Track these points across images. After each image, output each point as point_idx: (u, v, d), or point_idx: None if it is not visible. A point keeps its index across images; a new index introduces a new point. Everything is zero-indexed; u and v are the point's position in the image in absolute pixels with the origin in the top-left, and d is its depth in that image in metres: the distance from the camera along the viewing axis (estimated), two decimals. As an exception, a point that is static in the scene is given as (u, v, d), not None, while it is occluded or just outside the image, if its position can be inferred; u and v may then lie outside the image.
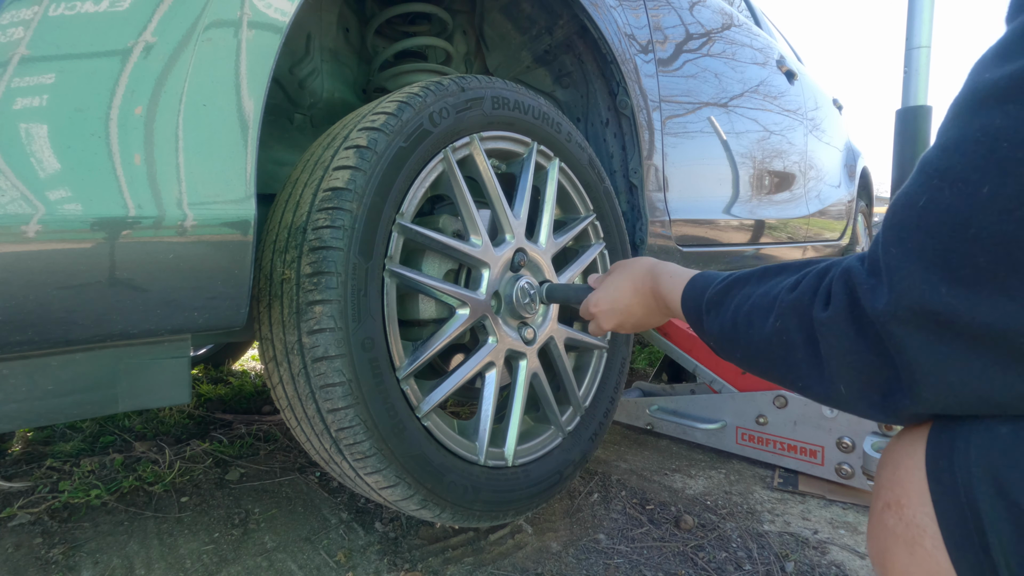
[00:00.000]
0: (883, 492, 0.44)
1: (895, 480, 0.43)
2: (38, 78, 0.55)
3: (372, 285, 0.82)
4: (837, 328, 0.40)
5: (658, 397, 1.67)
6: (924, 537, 0.38)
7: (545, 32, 1.37)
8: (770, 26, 2.81)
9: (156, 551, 1.02)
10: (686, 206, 1.65)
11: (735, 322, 0.52)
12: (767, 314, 0.48)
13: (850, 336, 0.39)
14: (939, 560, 0.37)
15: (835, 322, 0.40)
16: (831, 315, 0.41)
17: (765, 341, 0.48)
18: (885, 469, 0.45)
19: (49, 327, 0.57)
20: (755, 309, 0.49)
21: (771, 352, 0.47)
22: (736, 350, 0.53)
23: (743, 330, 0.51)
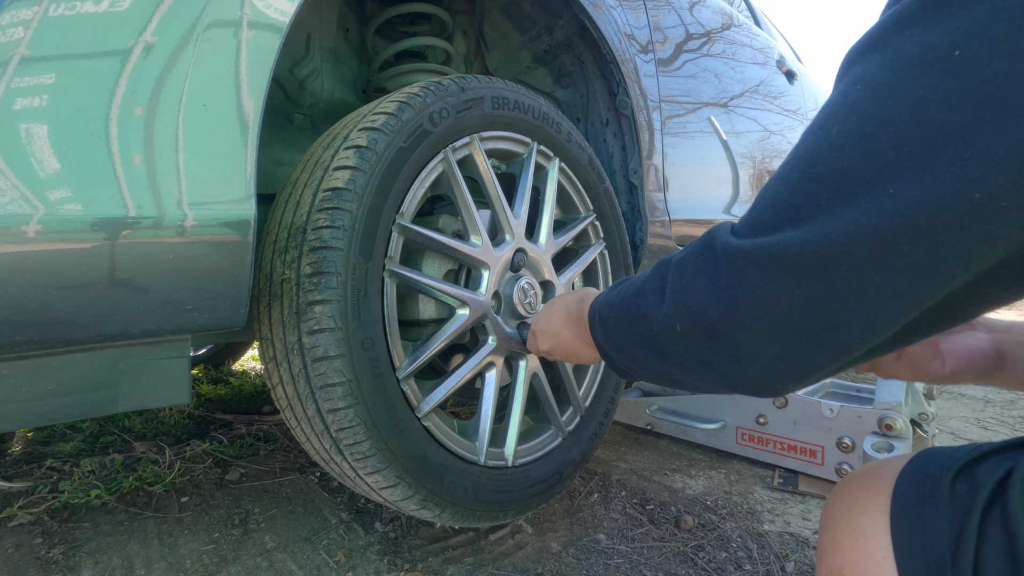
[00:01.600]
0: (825, 557, 0.43)
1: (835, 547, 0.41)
2: (38, 78, 0.55)
3: (372, 285, 0.82)
4: (684, 266, 0.41)
5: (658, 397, 1.67)
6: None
7: (545, 32, 1.37)
8: (770, 26, 2.81)
9: (156, 551, 1.02)
10: (686, 206, 1.65)
11: (615, 295, 0.53)
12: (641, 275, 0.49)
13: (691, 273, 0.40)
14: None
15: (684, 262, 0.42)
16: (682, 257, 0.42)
17: (632, 295, 0.49)
18: (826, 532, 0.43)
19: (49, 327, 0.57)
20: (638, 276, 0.51)
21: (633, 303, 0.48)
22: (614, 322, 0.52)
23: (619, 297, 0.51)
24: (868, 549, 0.39)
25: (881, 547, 0.38)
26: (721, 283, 0.37)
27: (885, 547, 0.38)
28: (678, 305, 0.41)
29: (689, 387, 0.47)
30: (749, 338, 0.37)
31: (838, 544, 0.41)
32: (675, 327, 0.41)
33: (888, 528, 0.38)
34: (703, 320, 0.39)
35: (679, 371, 0.44)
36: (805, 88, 2.64)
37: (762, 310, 0.35)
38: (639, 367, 0.50)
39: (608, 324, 0.53)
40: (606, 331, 0.54)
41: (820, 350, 0.35)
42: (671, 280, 0.43)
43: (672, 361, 0.44)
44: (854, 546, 0.39)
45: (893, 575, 0.37)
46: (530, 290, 1.03)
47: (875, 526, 0.39)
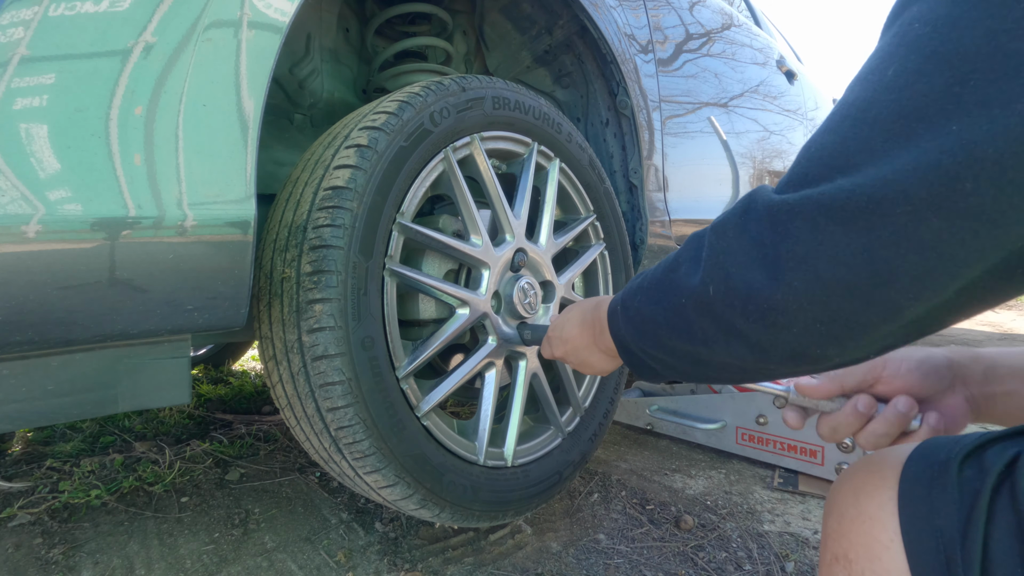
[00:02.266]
0: (830, 543, 0.42)
1: (841, 532, 0.41)
2: (38, 78, 0.55)
3: (372, 284, 0.82)
4: (723, 227, 0.39)
5: (658, 397, 1.67)
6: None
7: (545, 32, 1.37)
8: (770, 26, 2.81)
9: (156, 551, 1.02)
10: (686, 206, 1.65)
11: (644, 279, 0.50)
12: (673, 253, 0.47)
13: (732, 233, 0.38)
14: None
15: (723, 224, 0.39)
16: (721, 220, 0.40)
17: (662, 271, 0.46)
18: (831, 518, 0.43)
19: (49, 327, 0.57)
20: (666, 258, 0.48)
21: (664, 277, 0.45)
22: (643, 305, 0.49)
23: (650, 278, 0.48)
24: (874, 532, 0.38)
25: (888, 530, 0.38)
26: (764, 240, 0.35)
27: (892, 530, 0.38)
28: (715, 268, 0.38)
29: (714, 371, 0.44)
30: (788, 297, 0.34)
31: (844, 529, 0.40)
32: (708, 292, 0.39)
33: (895, 512, 0.38)
34: (741, 282, 0.36)
35: (706, 348, 0.42)
36: (805, 88, 2.64)
37: (806, 264, 0.33)
38: (662, 353, 0.47)
39: (632, 310, 0.50)
40: (628, 318, 0.51)
41: (866, 309, 0.32)
42: (707, 244, 0.40)
43: (699, 337, 0.41)
44: (860, 530, 0.39)
45: (900, 556, 0.37)
46: (530, 290, 1.03)
47: (881, 510, 0.39)
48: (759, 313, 0.36)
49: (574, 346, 0.71)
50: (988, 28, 0.27)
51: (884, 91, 0.31)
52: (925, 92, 0.29)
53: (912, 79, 0.30)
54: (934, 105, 0.29)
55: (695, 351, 0.43)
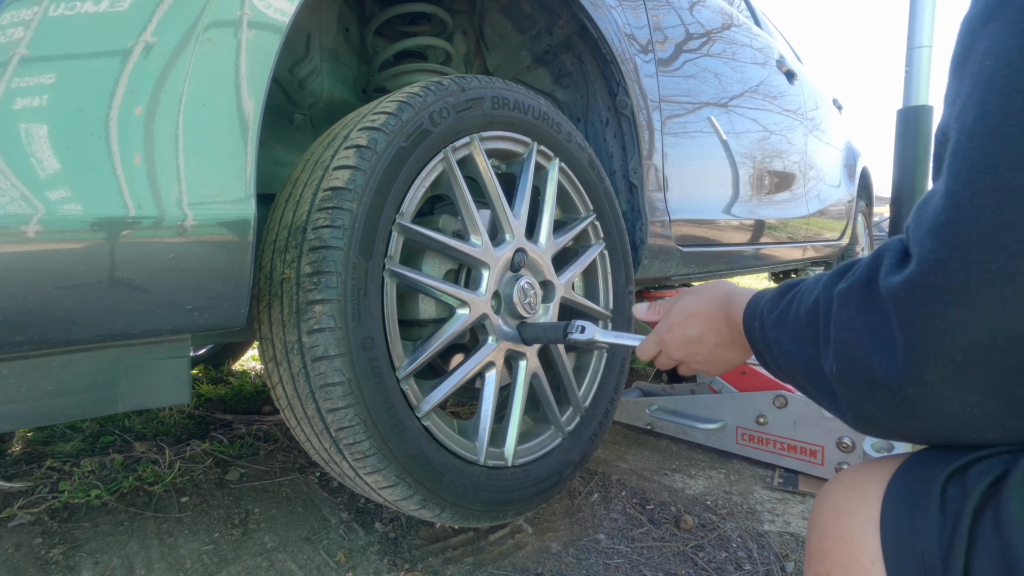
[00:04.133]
0: (813, 561, 0.41)
1: (823, 551, 0.39)
2: (38, 78, 0.55)
3: (372, 285, 0.82)
4: (846, 298, 0.37)
5: (658, 397, 1.67)
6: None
7: (545, 32, 1.37)
8: (770, 26, 2.81)
9: (156, 551, 1.02)
10: (686, 206, 1.65)
11: (791, 302, 0.48)
12: (814, 289, 0.44)
13: (854, 311, 0.36)
14: None
15: (847, 293, 0.37)
16: (846, 286, 0.38)
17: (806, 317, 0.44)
18: (813, 535, 0.41)
19: (49, 327, 0.57)
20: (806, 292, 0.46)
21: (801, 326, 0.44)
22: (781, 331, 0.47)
23: (794, 308, 0.46)
24: (856, 554, 0.37)
25: (869, 552, 0.36)
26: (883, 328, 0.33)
27: (873, 552, 0.36)
28: (840, 346, 0.37)
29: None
30: (921, 391, 0.32)
31: (825, 548, 0.39)
32: (831, 368, 0.38)
33: (876, 532, 0.37)
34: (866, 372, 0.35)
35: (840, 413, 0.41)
36: (805, 88, 2.64)
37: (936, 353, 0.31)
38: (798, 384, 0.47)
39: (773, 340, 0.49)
40: (767, 344, 0.50)
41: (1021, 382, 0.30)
42: (835, 314, 0.38)
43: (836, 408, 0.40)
44: (841, 550, 0.38)
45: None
46: (530, 290, 1.03)
47: (863, 531, 0.37)
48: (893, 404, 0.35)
49: (703, 348, 0.66)
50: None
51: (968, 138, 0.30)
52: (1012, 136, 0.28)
53: (996, 122, 0.29)
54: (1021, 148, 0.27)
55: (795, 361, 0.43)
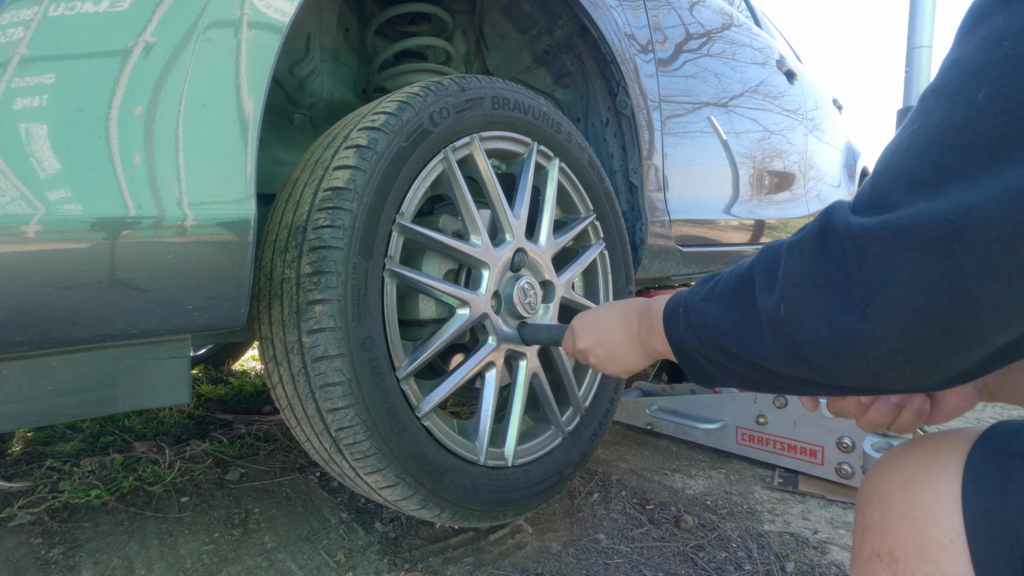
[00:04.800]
0: (870, 537, 0.38)
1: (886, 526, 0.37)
2: (38, 78, 0.55)
3: (372, 285, 0.82)
4: (800, 247, 0.37)
5: (658, 397, 1.67)
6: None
7: (545, 32, 1.37)
8: (770, 26, 2.81)
9: (156, 551, 1.02)
10: (686, 206, 1.65)
11: (718, 279, 0.48)
12: (745, 263, 0.45)
13: (810, 255, 0.36)
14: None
15: (801, 241, 0.38)
16: (799, 236, 0.38)
17: (735, 282, 0.44)
18: (871, 509, 0.39)
19: (49, 327, 0.57)
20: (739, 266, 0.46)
21: (737, 289, 0.43)
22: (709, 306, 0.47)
23: (723, 279, 0.47)
24: (930, 531, 0.35)
25: (947, 529, 0.34)
26: (841, 265, 0.34)
27: (953, 529, 0.34)
28: (791, 288, 0.37)
29: (778, 383, 0.43)
30: (864, 325, 0.33)
31: (889, 524, 0.37)
32: (779, 312, 0.37)
33: (956, 508, 0.34)
34: (816, 306, 0.35)
35: (770, 365, 0.40)
36: (805, 88, 2.64)
37: (883, 293, 0.31)
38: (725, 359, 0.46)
39: (696, 314, 0.48)
40: (691, 322, 0.49)
41: (948, 339, 0.31)
42: (784, 262, 0.39)
43: (766, 354, 0.40)
44: (912, 526, 0.36)
45: (962, 559, 0.33)
46: (530, 290, 1.03)
47: (938, 505, 0.35)
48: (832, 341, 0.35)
49: (608, 340, 0.68)
50: None
51: (978, 116, 0.30)
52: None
53: (1010, 104, 0.29)
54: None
55: (759, 364, 0.42)
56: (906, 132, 0.34)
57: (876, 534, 0.38)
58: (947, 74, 0.33)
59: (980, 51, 0.31)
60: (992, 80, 0.29)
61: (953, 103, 0.31)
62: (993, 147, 0.29)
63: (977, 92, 0.30)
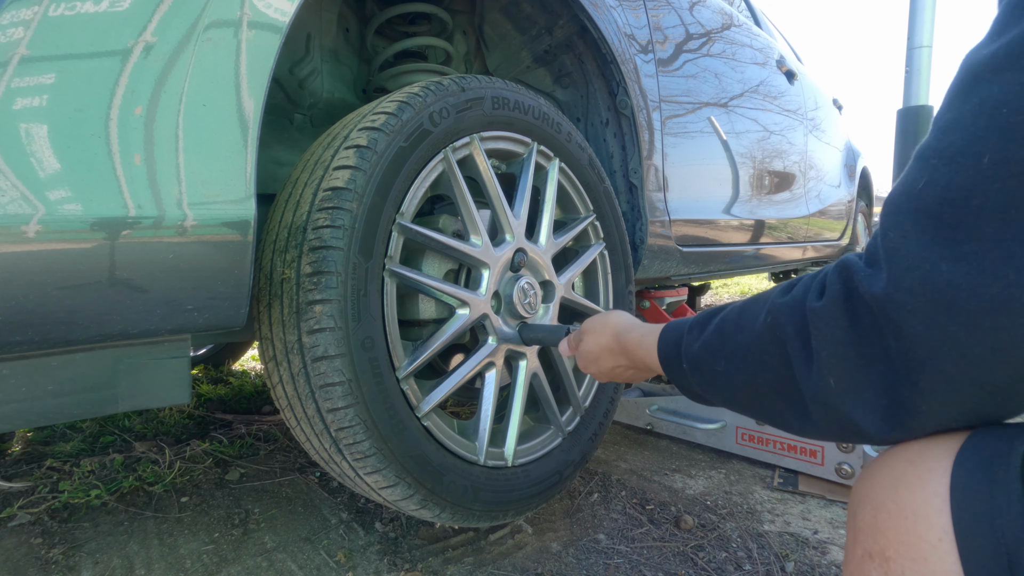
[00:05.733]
0: (862, 538, 0.39)
1: (877, 527, 0.38)
2: (38, 78, 0.55)
3: (372, 285, 0.82)
4: (830, 316, 0.37)
5: (658, 397, 1.67)
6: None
7: (545, 32, 1.37)
8: (770, 26, 2.81)
9: (156, 551, 1.02)
10: (686, 206, 1.65)
11: (721, 331, 0.48)
12: (757, 314, 0.45)
13: (843, 325, 0.37)
14: None
15: (828, 310, 0.38)
16: (825, 304, 0.38)
17: (754, 339, 0.44)
18: (863, 510, 0.40)
19: (49, 327, 0.57)
20: (745, 312, 0.46)
21: (759, 350, 0.43)
22: (718, 362, 0.48)
23: (730, 334, 0.47)
24: (919, 530, 0.35)
25: (936, 528, 0.35)
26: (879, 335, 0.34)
27: (941, 528, 0.35)
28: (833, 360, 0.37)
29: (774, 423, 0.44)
30: (919, 398, 0.33)
31: (880, 525, 0.37)
32: (828, 383, 0.38)
33: (945, 508, 0.35)
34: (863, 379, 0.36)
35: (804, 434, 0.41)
36: (805, 88, 2.64)
37: (932, 365, 0.32)
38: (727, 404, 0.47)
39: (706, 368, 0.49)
40: (700, 375, 0.50)
41: (1006, 403, 0.32)
42: (814, 331, 0.39)
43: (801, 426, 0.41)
44: (902, 527, 0.36)
45: (951, 557, 0.34)
46: (530, 290, 1.03)
47: (927, 505, 0.36)
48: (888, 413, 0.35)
49: (604, 367, 0.72)
50: None
51: (984, 180, 0.31)
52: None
53: (1017, 168, 0.30)
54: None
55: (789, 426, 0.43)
56: (912, 188, 0.35)
57: (868, 534, 0.39)
58: (947, 135, 0.34)
59: (980, 115, 0.32)
60: (995, 147, 0.31)
61: (958, 165, 0.32)
62: (1004, 208, 0.30)
63: (981, 157, 0.31)
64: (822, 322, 0.38)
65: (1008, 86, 0.31)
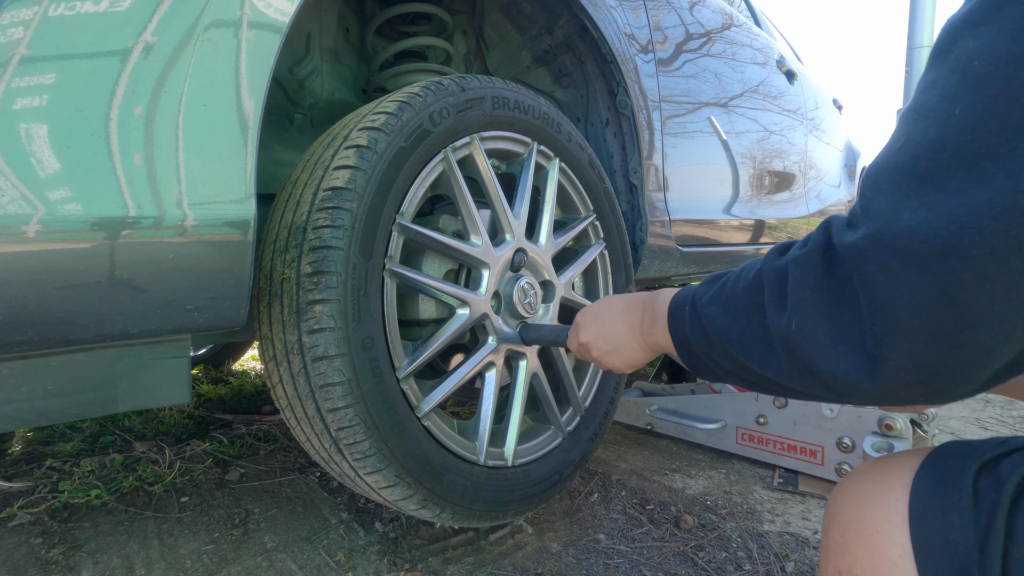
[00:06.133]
0: (832, 556, 0.40)
1: (845, 545, 0.38)
2: (38, 78, 0.55)
3: (372, 285, 0.82)
4: (806, 264, 0.38)
5: (658, 397, 1.67)
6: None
7: (545, 32, 1.37)
8: (770, 26, 2.81)
9: (156, 551, 1.02)
10: (686, 206, 1.65)
11: (725, 283, 0.49)
12: (754, 267, 0.46)
13: (818, 272, 0.37)
14: None
15: (805, 258, 0.39)
16: (804, 252, 0.39)
17: (744, 287, 0.45)
18: (833, 528, 0.40)
19: (49, 327, 0.57)
20: (747, 268, 0.47)
21: (745, 296, 0.44)
22: (716, 311, 0.48)
23: (729, 286, 0.48)
24: (882, 548, 0.37)
25: (896, 545, 0.36)
26: (847, 283, 0.35)
27: (901, 545, 0.36)
28: (802, 305, 0.38)
29: (778, 390, 0.44)
30: (873, 344, 0.34)
31: (847, 542, 0.38)
32: (791, 327, 0.39)
33: (904, 526, 0.36)
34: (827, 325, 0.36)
35: (779, 379, 0.41)
36: (805, 88, 2.64)
37: (885, 311, 0.33)
38: (729, 363, 0.47)
39: (705, 316, 0.49)
40: (698, 322, 0.50)
41: (954, 353, 0.32)
42: (792, 277, 0.40)
43: (774, 366, 0.41)
44: (867, 544, 0.37)
45: (911, 573, 0.35)
46: (530, 290, 1.03)
47: (888, 523, 0.37)
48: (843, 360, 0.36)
49: (610, 332, 0.68)
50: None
51: (954, 131, 0.31)
52: (997, 131, 0.29)
53: (983, 119, 0.30)
54: (1007, 144, 0.29)
55: (765, 375, 0.43)
56: (891, 149, 0.36)
57: (837, 552, 0.40)
58: (925, 94, 0.34)
59: (954, 71, 0.32)
60: (965, 98, 0.31)
61: (932, 120, 0.33)
62: (970, 159, 0.30)
63: (952, 109, 0.31)
64: (798, 269, 0.39)
65: (981, 39, 0.31)
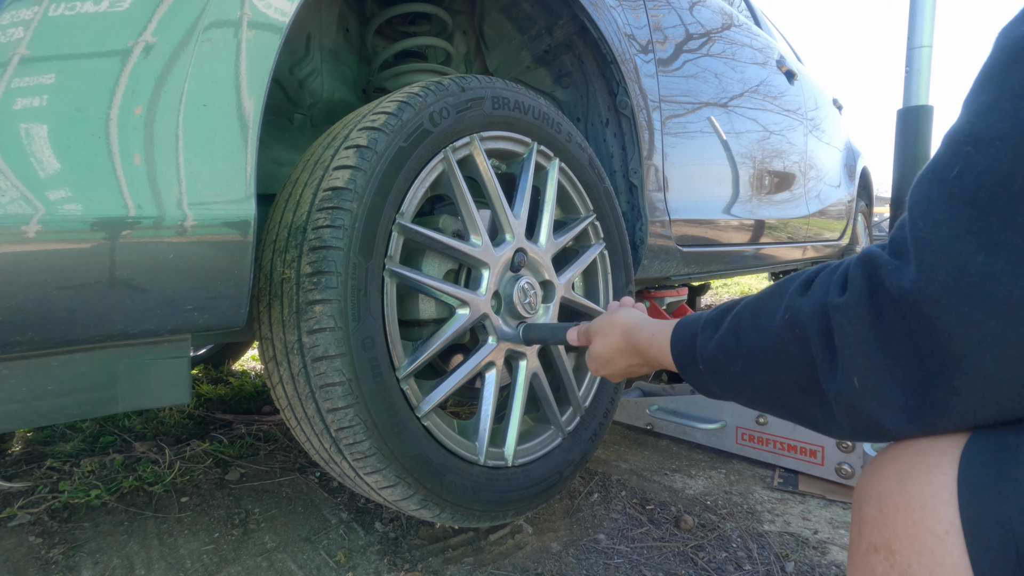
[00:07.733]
0: (867, 531, 0.38)
1: (883, 520, 0.37)
2: (38, 78, 0.55)
3: (372, 285, 0.82)
4: (854, 313, 0.36)
5: (658, 397, 1.67)
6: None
7: (545, 32, 1.37)
8: (770, 26, 2.81)
9: (156, 551, 1.02)
10: (686, 206, 1.65)
11: (736, 330, 0.47)
12: (775, 311, 0.43)
13: (868, 322, 0.35)
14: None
15: (852, 307, 0.36)
16: (848, 300, 0.36)
17: (773, 338, 0.42)
18: (868, 504, 0.39)
19: (49, 327, 0.57)
20: (761, 310, 0.44)
21: (779, 350, 0.42)
22: (735, 362, 0.46)
23: (746, 333, 0.45)
24: (926, 523, 0.35)
25: (942, 520, 0.34)
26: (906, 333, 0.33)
27: (948, 520, 0.34)
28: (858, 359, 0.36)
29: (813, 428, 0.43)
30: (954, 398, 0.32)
31: (886, 518, 0.37)
32: (852, 384, 0.36)
33: (952, 500, 0.34)
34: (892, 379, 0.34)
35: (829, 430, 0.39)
36: (805, 88, 2.64)
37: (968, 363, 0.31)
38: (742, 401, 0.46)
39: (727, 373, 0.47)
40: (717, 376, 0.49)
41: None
42: (837, 328, 0.37)
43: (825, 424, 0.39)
44: (908, 519, 0.36)
45: (958, 549, 0.33)
46: (530, 290, 1.03)
47: (934, 498, 0.35)
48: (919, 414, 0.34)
49: (621, 367, 0.71)
50: None
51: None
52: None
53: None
54: None
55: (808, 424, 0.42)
56: (944, 175, 0.33)
57: (873, 528, 0.38)
58: (983, 119, 0.32)
59: (1019, 98, 0.30)
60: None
61: (997, 149, 0.30)
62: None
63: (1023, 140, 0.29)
64: (845, 319, 0.37)
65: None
